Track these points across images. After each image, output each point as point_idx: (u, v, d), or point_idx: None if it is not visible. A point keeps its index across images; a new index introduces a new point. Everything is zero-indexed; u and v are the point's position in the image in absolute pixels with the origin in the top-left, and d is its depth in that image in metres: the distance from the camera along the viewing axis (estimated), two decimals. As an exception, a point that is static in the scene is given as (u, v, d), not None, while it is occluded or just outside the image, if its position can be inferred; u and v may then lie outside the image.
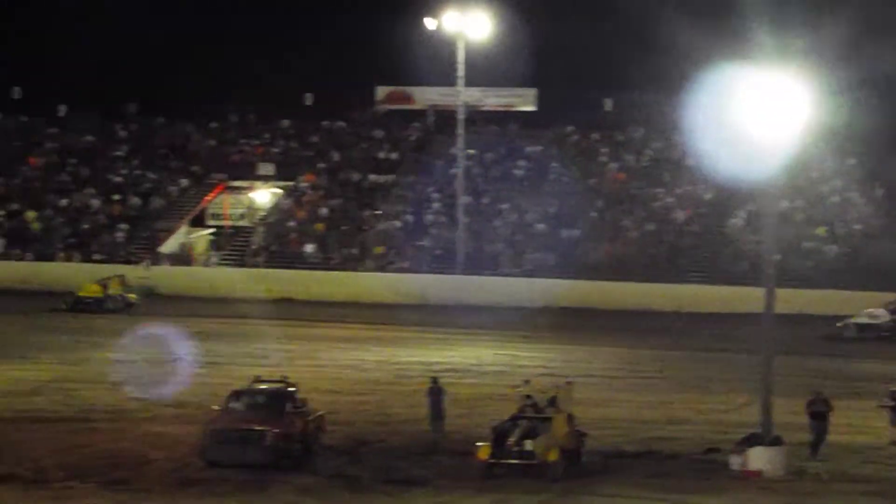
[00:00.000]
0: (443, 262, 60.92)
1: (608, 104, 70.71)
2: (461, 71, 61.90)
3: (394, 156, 70.15)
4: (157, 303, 56.23)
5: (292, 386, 28.78)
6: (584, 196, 64.63)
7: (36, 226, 65.41)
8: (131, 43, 71.69)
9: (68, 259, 63.05)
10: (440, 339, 47.83)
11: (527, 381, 29.18)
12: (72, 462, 26.94)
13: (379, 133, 72.25)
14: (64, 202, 67.16)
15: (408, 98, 74.18)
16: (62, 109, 74.23)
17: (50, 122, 73.92)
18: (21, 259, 63.04)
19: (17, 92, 73.96)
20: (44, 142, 72.73)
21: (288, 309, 55.68)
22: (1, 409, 32.50)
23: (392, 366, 41.23)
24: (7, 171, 69.80)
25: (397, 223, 64.52)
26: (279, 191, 68.33)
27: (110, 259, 62.81)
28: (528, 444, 25.90)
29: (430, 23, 61.61)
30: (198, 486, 25.15)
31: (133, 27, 72.22)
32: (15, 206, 66.65)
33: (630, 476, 26.64)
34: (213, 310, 54.55)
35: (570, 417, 27.33)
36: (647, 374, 40.78)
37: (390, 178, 68.07)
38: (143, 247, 63.99)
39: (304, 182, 68.32)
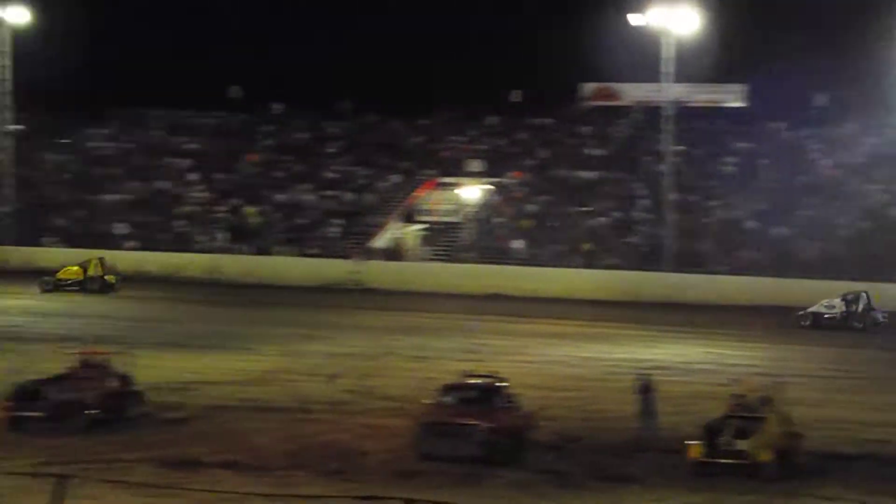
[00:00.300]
0: (650, 259, 60.70)
1: (820, 99, 69.35)
2: (668, 67, 61.51)
3: (601, 152, 70.13)
4: (368, 296, 57.47)
5: (503, 381, 29.18)
6: (795, 193, 63.61)
7: (255, 221, 67.50)
8: (344, 42, 73.37)
9: (284, 253, 64.85)
10: (648, 336, 47.68)
11: (736, 380, 29.02)
12: (292, 451, 27.75)
13: (586, 130, 72.33)
14: (280, 198, 69.16)
15: (614, 94, 74.06)
16: (278, 108, 76.49)
17: (267, 120, 76.24)
18: (242, 253, 65.10)
19: (236, 91, 76.57)
20: (261, 139, 75.01)
21: (496, 304, 56.18)
22: (226, 397, 33.69)
23: (601, 362, 41.26)
24: (228, 167, 72.26)
25: (605, 220, 64.55)
26: (488, 187, 68.96)
27: (324, 254, 64.45)
28: (741, 444, 25.72)
29: (635, 18, 61.33)
30: (412, 479, 25.50)
31: (346, 27, 73.95)
32: (235, 201, 68.93)
33: (849, 479, 26.04)
34: (423, 304, 55.49)
35: (785, 417, 27.05)
36: (863, 374, 39.99)
37: (598, 174, 68.10)
38: (356, 241, 65.37)
39: (511, 179, 68.84)
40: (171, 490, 22.95)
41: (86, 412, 29.46)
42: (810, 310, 50.90)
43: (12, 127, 68.48)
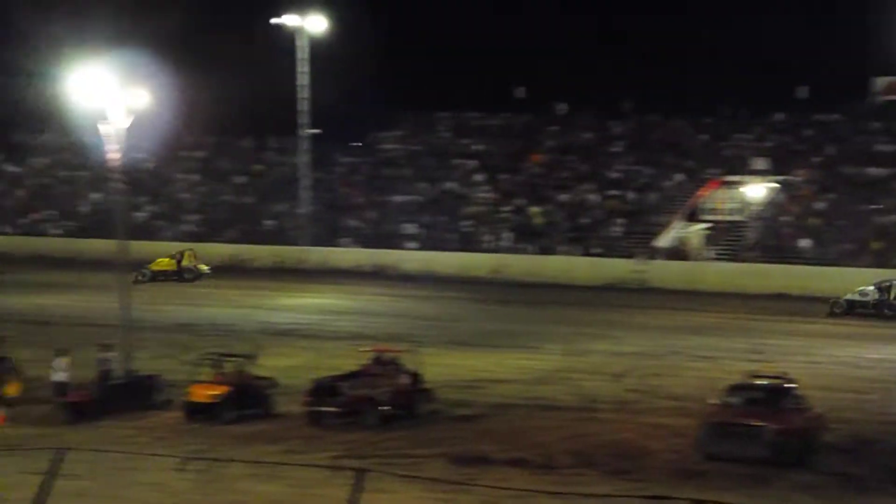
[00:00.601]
0: (946, 258, 58.54)
1: None
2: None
3: (892, 148, 67.96)
4: (648, 295, 57.29)
5: (791, 382, 28.81)
6: None
7: (539, 220, 68.21)
8: (628, 42, 73.36)
9: (569, 253, 65.28)
10: (944, 338, 46.15)
11: None
12: (577, 449, 28.04)
13: (876, 125, 70.20)
14: (564, 197, 69.66)
15: (907, 88, 71.66)
16: (562, 108, 77.03)
17: (550, 121, 76.88)
18: (526, 252, 65.93)
19: (520, 92, 77.53)
20: (545, 139, 75.71)
21: (782, 304, 55.21)
22: (512, 395, 34.30)
23: (893, 364, 40.16)
24: (512, 167, 73.25)
25: (896, 217, 62.65)
26: (773, 185, 67.72)
27: (607, 253, 64.59)
28: None
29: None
30: (697, 479, 25.44)
31: (629, 27, 73.89)
32: (520, 202, 69.81)
33: None
34: (707, 304, 55.05)
35: None
36: None
37: (889, 171, 66.04)
38: (639, 241, 65.29)
39: (798, 176, 67.45)
40: (461, 486, 23.54)
41: (378, 408, 30.52)
42: (845, 297, 52.14)
43: (309, 131, 71.18)
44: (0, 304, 51.97)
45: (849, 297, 52.30)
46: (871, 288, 52.20)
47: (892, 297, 51.76)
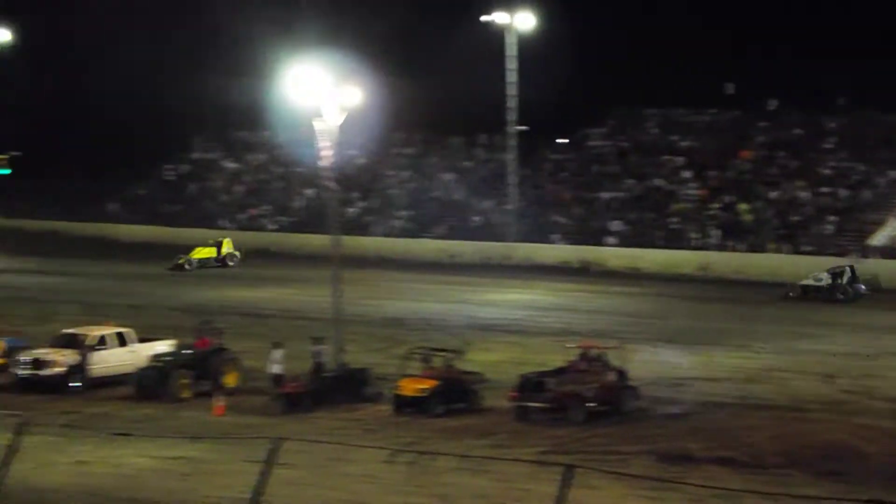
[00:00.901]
0: None
1: None
2: None
3: None
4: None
5: None
6: None
7: (748, 217, 67.22)
8: (839, 36, 71.67)
9: (778, 251, 64.20)
10: None
11: None
12: (786, 450, 27.72)
13: None
14: (774, 194, 68.48)
15: None
16: (773, 103, 75.70)
17: (761, 116, 75.62)
18: (734, 250, 65.08)
19: (730, 87, 76.49)
20: (755, 135, 74.53)
21: None
22: (720, 394, 34.06)
23: None
24: (721, 164, 72.33)
25: None
26: None
27: (818, 251, 63.23)
28: None
29: None
30: (913, 484, 25.04)
31: (839, 21, 72.20)
32: (729, 199, 68.91)
33: None
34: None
35: None
36: None
37: None
38: (852, 239, 63.76)
39: None
40: (667, 484, 23.51)
41: (585, 404, 30.66)
42: (800, 283, 54.48)
43: (517, 127, 71.53)
44: (220, 296, 53.79)
45: (803, 282, 54.50)
46: (825, 274, 54.59)
47: (844, 281, 54.27)
